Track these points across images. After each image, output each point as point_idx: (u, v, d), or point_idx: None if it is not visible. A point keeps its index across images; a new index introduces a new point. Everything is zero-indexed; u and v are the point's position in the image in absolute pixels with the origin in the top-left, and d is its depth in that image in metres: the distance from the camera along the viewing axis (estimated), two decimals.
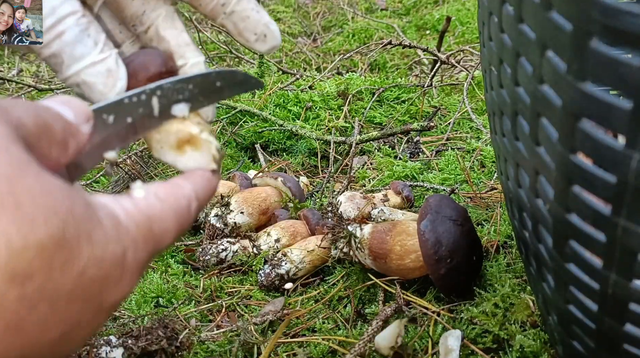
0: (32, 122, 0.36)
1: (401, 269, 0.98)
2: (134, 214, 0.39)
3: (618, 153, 0.42)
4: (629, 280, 0.50)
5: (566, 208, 0.52)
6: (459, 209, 0.98)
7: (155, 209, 0.42)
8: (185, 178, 0.49)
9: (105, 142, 0.47)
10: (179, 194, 0.45)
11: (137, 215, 0.40)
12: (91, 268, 0.34)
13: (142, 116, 0.49)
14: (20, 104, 0.36)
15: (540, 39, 0.47)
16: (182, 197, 0.45)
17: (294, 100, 1.85)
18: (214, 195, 0.52)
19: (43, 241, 0.31)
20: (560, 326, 0.69)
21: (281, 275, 1.10)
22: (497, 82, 0.61)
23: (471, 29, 2.81)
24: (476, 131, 1.71)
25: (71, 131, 0.40)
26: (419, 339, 0.91)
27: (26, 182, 0.31)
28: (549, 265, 0.61)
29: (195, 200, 0.46)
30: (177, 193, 0.45)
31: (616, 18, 0.38)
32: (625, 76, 0.39)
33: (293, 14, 3.24)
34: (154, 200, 0.42)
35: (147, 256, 0.40)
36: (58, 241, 0.31)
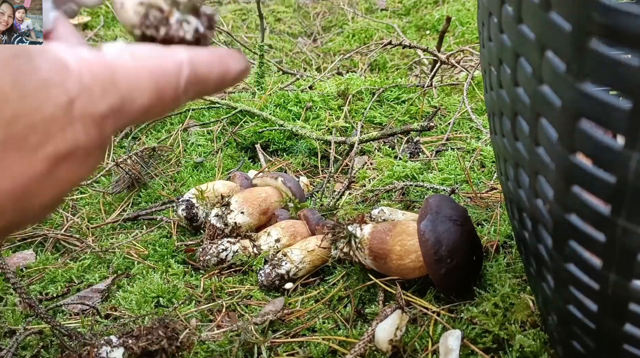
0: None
1: (401, 269, 0.98)
2: (90, 63, 0.36)
3: (617, 153, 0.42)
4: (628, 280, 0.50)
5: (566, 208, 0.52)
6: (459, 210, 0.98)
7: (124, 63, 0.38)
8: (185, 47, 0.42)
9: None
10: (165, 55, 0.40)
11: (95, 64, 0.37)
12: (24, 114, 0.33)
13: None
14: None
15: (540, 39, 0.47)
16: (169, 59, 0.40)
17: (294, 100, 1.85)
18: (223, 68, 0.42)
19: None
20: (560, 326, 0.69)
21: (281, 275, 1.10)
22: (497, 83, 0.61)
23: (471, 29, 2.81)
24: (476, 131, 1.71)
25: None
26: (419, 339, 0.91)
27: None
28: (549, 265, 0.61)
29: (187, 66, 0.40)
30: (163, 54, 0.40)
31: (615, 18, 0.38)
32: (624, 76, 0.39)
33: (293, 14, 3.24)
34: (126, 56, 0.38)
35: (108, 109, 0.37)
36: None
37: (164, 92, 0.39)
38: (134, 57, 0.38)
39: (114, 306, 1.10)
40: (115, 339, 0.88)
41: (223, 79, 0.43)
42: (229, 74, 0.43)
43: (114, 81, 0.37)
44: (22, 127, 0.33)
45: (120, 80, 0.37)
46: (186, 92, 0.41)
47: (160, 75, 0.39)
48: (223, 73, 0.43)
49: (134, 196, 1.52)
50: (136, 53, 0.39)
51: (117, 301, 1.11)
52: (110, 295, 1.15)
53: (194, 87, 0.41)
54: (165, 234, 1.34)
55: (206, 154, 1.69)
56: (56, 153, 0.35)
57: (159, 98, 0.39)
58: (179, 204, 1.31)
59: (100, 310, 1.08)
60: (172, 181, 1.57)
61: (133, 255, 1.26)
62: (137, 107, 0.38)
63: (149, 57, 0.39)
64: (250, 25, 3.07)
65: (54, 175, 0.36)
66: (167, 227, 1.36)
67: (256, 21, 2.98)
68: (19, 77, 0.33)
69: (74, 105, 0.35)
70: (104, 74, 0.37)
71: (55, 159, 0.35)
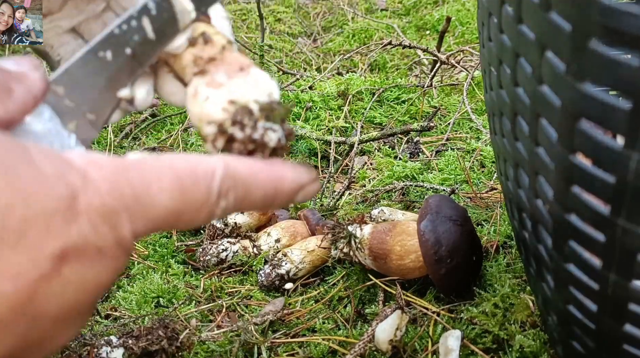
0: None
1: (401, 269, 0.98)
2: (100, 160, 0.34)
3: (617, 154, 0.42)
4: (628, 280, 0.50)
5: (565, 208, 0.52)
6: (459, 210, 0.98)
7: (141, 161, 0.35)
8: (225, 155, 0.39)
9: (112, 81, 0.43)
10: (195, 159, 0.37)
11: (105, 162, 0.34)
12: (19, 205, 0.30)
13: (139, 43, 0.44)
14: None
15: (540, 39, 0.47)
16: (201, 162, 0.37)
17: (294, 100, 1.85)
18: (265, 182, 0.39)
19: None
20: (559, 326, 0.69)
21: (281, 275, 1.10)
22: (497, 83, 0.61)
23: (471, 30, 2.81)
24: (476, 131, 1.71)
25: (12, 77, 0.37)
26: (419, 339, 0.91)
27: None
28: (549, 265, 0.61)
29: (221, 168, 0.37)
30: (193, 158, 0.37)
31: (615, 18, 0.38)
32: (624, 77, 0.39)
33: (293, 14, 3.24)
34: (147, 158, 0.36)
35: (119, 205, 0.33)
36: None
37: (191, 194, 0.36)
38: (158, 158, 0.36)
39: (114, 306, 1.10)
40: (115, 339, 0.89)
41: (274, 188, 0.39)
42: (283, 183, 0.40)
43: (127, 177, 0.34)
44: (19, 222, 0.30)
45: (134, 176, 0.34)
46: (224, 197, 0.37)
47: (186, 174, 0.36)
48: (274, 181, 0.39)
49: None
50: (161, 156, 0.36)
51: (117, 302, 1.11)
52: (110, 295, 1.15)
53: (233, 191, 0.37)
54: (165, 234, 1.34)
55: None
56: (62, 250, 0.31)
57: (185, 201, 0.35)
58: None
59: (100, 310, 1.08)
60: None
61: (133, 255, 1.26)
62: (160, 209, 0.35)
63: (175, 159, 0.36)
64: (250, 26, 3.07)
65: (64, 277, 0.32)
66: None
67: (256, 21, 2.98)
68: (10, 165, 0.30)
69: (77, 199, 0.32)
70: (114, 169, 0.34)
71: (61, 258, 0.31)
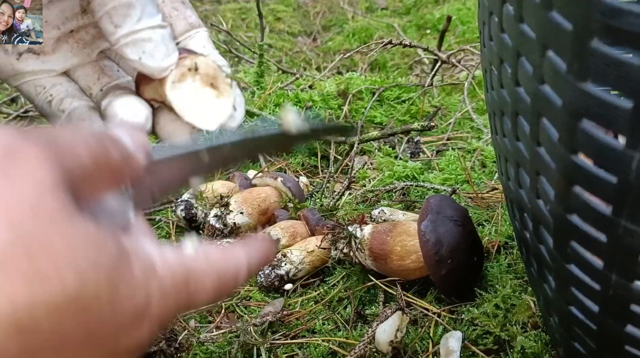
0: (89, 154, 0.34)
1: (402, 270, 0.98)
2: (172, 265, 0.38)
3: (619, 153, 0.42)
4: (630, 281, 0.50)
5: (567, 208, 0.52)
6: (460, 210, 0.97)
7: (199, 266, 0.40)
8: (243, 245, 0.46)
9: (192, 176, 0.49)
10: (230, 259, 0.43)
11: (177, 266, 0.38)
12: (108, 315, 0.32)
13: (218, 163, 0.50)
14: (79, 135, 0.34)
15: (541, 38, 0.46)
16: (233, 264, 0.43)
17: (294, 99, 1.85)
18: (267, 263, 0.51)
19: (54, 299, 0.29)
20: (561, 327, 0.68)
21: (281, 275, 1.10)
22: (498, 82, 0.61)
23: (472, 29, 2.80)
24: (477, 131, 1.70)
25: (128, 161, 0.38)
26: (419, 340, 0.91)
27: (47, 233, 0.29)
28: (550, 265, 0.61)
29: (245, 269, 0.44)
30: (228, 258, 0.43)
31: (617, 18, 0.38)
32: (626, 76, 0.39)
33: (293, 13, 3.24)
34: (201, 258, 0.41)
35: (175, 308, 0.38)
36: (73, 298, 0.29)
37: (223, 292, 0.42)
38: (207, 259, 0.41)
39: None
40: None
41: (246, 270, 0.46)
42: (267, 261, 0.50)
43: (187, 282, 0.38)
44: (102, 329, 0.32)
45: (192, 282, 0.39)
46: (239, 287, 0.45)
47: (223, 278, 0.42)
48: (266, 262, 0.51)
49: None
50: (209, 255, 0.41)
51: None
52: None
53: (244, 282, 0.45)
54: (164, 234, 1.33)
55: None
56: (118, 349, 0.34)
57: (217, 297, 0.42)
58: (177, 205, 1.31)
59: None
60: None
61: None
62: (198, 304, 0.40)
63: (218, 260, 0.42)
64: (249, 25, 3.07)
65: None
66: (166, 227, 1.35)
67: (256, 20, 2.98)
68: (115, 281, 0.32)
69: (150, 308, 0.35)
70: (181, 276, 0.38)
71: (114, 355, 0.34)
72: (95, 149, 0.35)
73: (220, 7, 3.31)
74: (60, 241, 0.29)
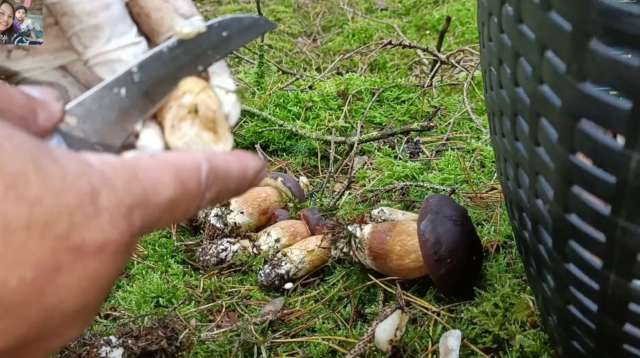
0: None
1: (401, 269, 0.98)
2: (111, 161, 0.36)
3: (617, 154, 0.42)
4: (628, 280, 0.50)
5: (566, 208, 0.52)
6: (459, 210, 0.98)
7: (145, 162, 0.38)
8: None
9: (124, 116, 0.46)
10: (183, 155, 0.41)
11: (117, 162, 0.37)
12: (47, 198, 0.31)
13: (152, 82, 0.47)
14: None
15: (540, 39, 0.47)
16: (187, 157, 0.41)
17: (294, 100, 1.85)
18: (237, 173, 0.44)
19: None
20: (560, 326, 0.69)
21: (281, 274, 1.10)
22: (497, 83, 0.61)
23: (471, 29, 2.81)
24: (476, 131, 1.71)
25: (37, 103, 0.40)
26: (419, 339, 0.91)
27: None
28: (549, 265, 0.61)
29: (205, 162, 0.41)
30: (181, 154, 0.41)
31: (616, 18, 0.38)
32: (624, 76, 0.39)
33: (293, 14, 3.24)
34: (145, 156, 0.39)
35: (134, 201, 0.36)
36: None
37: (187, 185, 0.39)
38: (154, 157, 0.39)
39: (114, 306, 1.10)
40: (114, 339, 0.88)
41: (243, 177, 0.44)
42: (248, 171, 0.45)
43: (136, 176, 0.37)
44: (47, 213, 0.31)
45: (143, 175, 0.37)
46: (209, 188, 0.41)
47: (182, 169, 0.39)
48: (243, 171, 0.44)
49: None
50: (156, 154, 0.40)
51: (117, 301, 1.11)
52: (110, 295, 1.15)
53: (215, 183, 0.42)
54: (165, 234, 1.33)
55: None
56: (83, 244, 0.33)
57: (183, 191, 0.39)
58: None
59: (99, 310, 1.08)
60: None
61: (132, 254, 1.26)
62: (163, 200, 0.38)
63: (168, 156, 0.40)
64: None
65: (80, 270, 0.33)
66: (167, 227, 1.36)
67: None
68: (40, 161, 0.32)
69: (99, 197, 0.34)
70: (124, 170, 0.36)
71: (81, 252, 0.33)
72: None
73: (221, 8, 3.31)
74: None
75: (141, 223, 0.37)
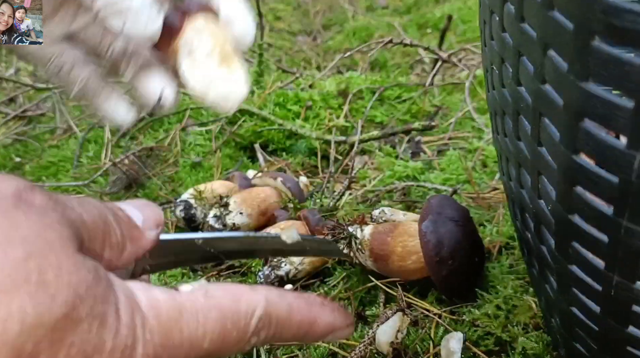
0: (91, 219, 0.34)
1: (403, 270, 0.98)
2: (159, 304, 0.35)
3: (621, 153, 0.42)
4: (632, 282, 0.49)
5: (569, 209, 0.52)
6: (461, 210, 0.97)
7: (195, 303, 0.35)
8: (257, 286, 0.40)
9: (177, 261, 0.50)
10: (239, 295, 0.37)
11: (164, 305, 0.35)
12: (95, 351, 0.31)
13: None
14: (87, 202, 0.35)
15: (542, 38, 0.46)
16: (244, 299, 0.37)
17: (294, 99, 1.84)
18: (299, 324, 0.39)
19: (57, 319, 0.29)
20: (563, 328, 0.68)
21: (280, 276, 1.09)
22: (499, 82, 0.61)
23: (473, 28, 2.80)
24: (478, 131, 1.70)
25: (132, 235, 0.38)
26: (420, 341, 0.90)
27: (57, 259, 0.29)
28: (552, 266, 0.61)
29: (262, 307, 0.37)
30: (238, 293, 0.37)
31: (619, 16, 0.38)
32: (627, 75, 0.39)
33: (293, 12, 3.24)
34: (199, 294, 0.36)
35: (166, 354, 0.34)
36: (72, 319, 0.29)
37: (230, 336, 0.36)
38: (207, 295, 0.36)
39: None
40: None
41: (307, 330, 0.40)
42: (316, 326, 0.40)
43: (179, 325, 0.34)
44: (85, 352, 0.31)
45: (186, 324, 0.35)
46: (256, 335, 0.38)
47: (230, 316, 0.36)
48: (308, 323, 0.40)
49: (132, 196, 1.51)
50: (211, 291, 0.37)
51: None
52: None
53: (266, 331, 0.38)
54: None
55: (204, 153, 1.68)
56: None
57: (223, 342, 0.36)
58: (176, 205, 1.30)
59: None
60: (169, 181, 1.56)
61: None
62: (197, 349, 0.35)
63: (222, 296, 0.37)
64: None
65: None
66: (165, 228, 1.35)
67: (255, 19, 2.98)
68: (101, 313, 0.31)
69: (135, 350, 0.33)
70: (168, 317, 0.34)
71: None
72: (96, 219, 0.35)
73: None
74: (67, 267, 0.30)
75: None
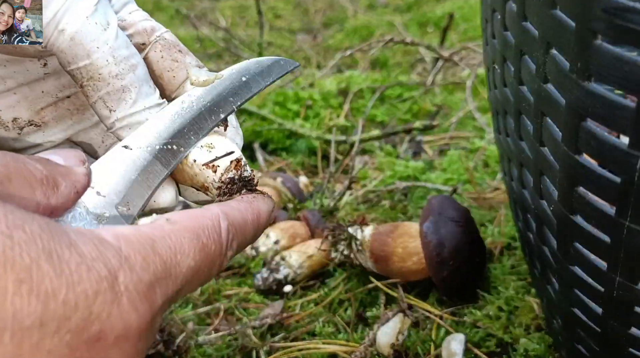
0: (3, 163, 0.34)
1: (403, 271, 0.97)
2: (127, 235, 0.35)
3: (622, 154, 0.42)
4: (634, 283, 0.49)
5: (571, 209, 0.51)
6: (462, 211, 0.96)
7: (161, 230, 0.37)
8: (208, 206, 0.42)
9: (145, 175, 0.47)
10: (200, 214, 0.39)
11: (133, 235, 0.35)
12: (62, 290, 0.30)
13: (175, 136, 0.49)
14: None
15: (544, 37, 0.46)
16: (205, 216, 0.39)
17: (294, 98, 1.84)
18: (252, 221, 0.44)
19: None
20: (564, 329, 0.68)
21: (279, 280, 1.09)
22: (501, 81, 0.61)
23: (474, 26, 2.79)
24: (479, 130, 1.69)
25: (59, 171, 0.38)
26: (421, 343, 0.90)
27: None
28: (554, 267, 0.61)
29: (224, 219, 0.40)
30: (198, 214, 0.39)
31: (621, 16, 0.37)
32: (629, 75, 0.39)
33: (293, 10, 3.23)
34: (161, 222, 0.38)
35: (153, 279, 0.34)
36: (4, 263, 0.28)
37: (208, 248, 0.38)
38: (170, 221, 0.38)
39: None
40: None
41: (258, 225, 0.44)
42: (262, 217, 0.44)
43: (154, 248, 0.35)
44: (62, 306, 0.30)
45: (161, 246, 0.36)
46: (230, 246, 0.40)
47: (201, 232, 0.38)
48: (256, 218, 0.44)
49: None
50: (171, 218, 0.38)
51: None
52: None
53: (236, 238, 0.41)
54: None
55: None
56: (102, 335, 0.31)
57: (205, 256, 0.38)
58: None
59: None
60: None
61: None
62: (185, 270, 0.37)
63: (185, 219, 0.38)
64: (249, 22, 3.06)
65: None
66: None
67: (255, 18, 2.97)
68: (55, 249, 0.30)
69: (117, 279, 0.32)
70: (141, 243, 0.35)
71: (100, 343, 0.32)
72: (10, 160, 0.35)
73: (219, 4, 3.30)
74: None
75: (162, 300, 0.35)
